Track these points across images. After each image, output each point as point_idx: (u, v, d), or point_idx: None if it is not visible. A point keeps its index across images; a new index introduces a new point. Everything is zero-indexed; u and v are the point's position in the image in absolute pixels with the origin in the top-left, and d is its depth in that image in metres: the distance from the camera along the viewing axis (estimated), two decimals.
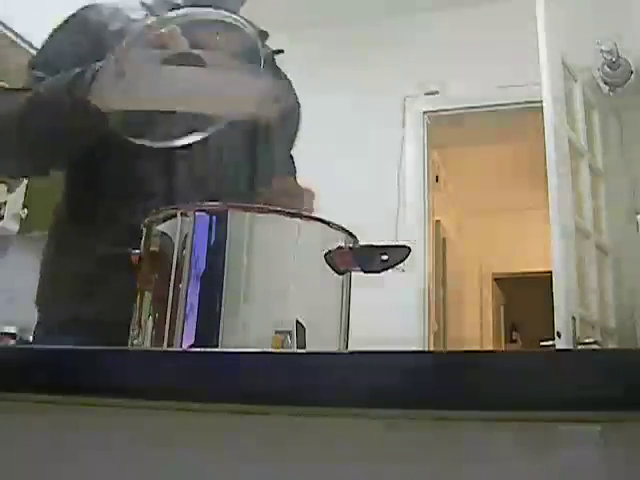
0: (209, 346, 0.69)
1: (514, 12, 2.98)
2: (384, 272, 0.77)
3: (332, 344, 0.76)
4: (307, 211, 1.15)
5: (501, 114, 3.36)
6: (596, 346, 2.39)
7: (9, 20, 2.50)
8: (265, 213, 0.77)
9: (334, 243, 0.75)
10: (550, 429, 0.47)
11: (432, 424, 0.49)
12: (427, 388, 0.46)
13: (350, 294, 0.79)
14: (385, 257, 0.76)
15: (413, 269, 2.98)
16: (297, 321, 0.72)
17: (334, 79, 3.46)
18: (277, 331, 0.72)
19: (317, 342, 0.74)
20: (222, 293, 0.72)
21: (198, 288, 0.73)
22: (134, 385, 0.53)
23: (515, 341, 6.84)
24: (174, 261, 0.74)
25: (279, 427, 0.53)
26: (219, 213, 0.75)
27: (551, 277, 2.43)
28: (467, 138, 4.11)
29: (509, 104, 3.24)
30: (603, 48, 2.90)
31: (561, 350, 1.43)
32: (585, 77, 2.94)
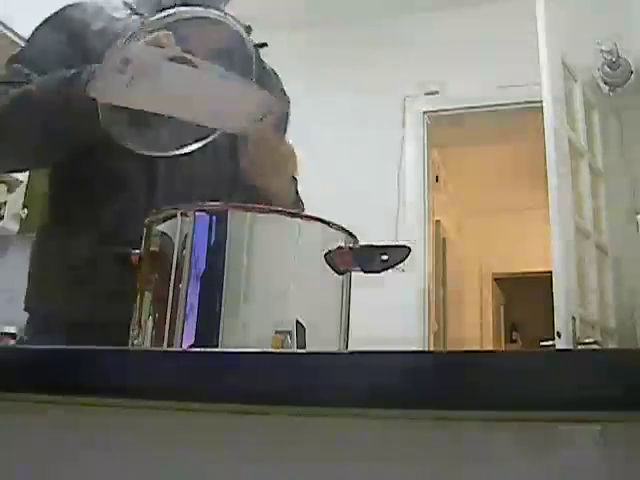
0: (209, 346, 0.69)
1: (514, 12, 2.98)
2: (384, 272, 0.77)
3: (332, 344, 0.76)
4: (290, 173, 1.13)
5: (501, 114, 3.36)
6: (596, 346, 2.38)
7: (9, 20, 2.50)
8: (265, 213, 0.77)
9: (334, 243, 0.75)
10: (550, 429, 0.47)
11: (432, 424, 0.49)
12: (427, 388, 0.46)
13: (350, 294, 0.79)
14: (385, 257, 0.76)
15: (413, 269, 2.98)
16: (297, 321, 0.72)
17: (334, 79, 3.46)
18: (277, 331, 0.73)
19: (317, 342, 0.74)
20: (222, 293, 0.72)
21: (198, 288, 0.73)
22: (134, 385, 0.53)
23: (515, 341, 6.84)
24: (174, 261, 0.74)
25: (279, 427, 0.53)
26: (219, 213, 0.75)
27: (551, 277, 2.43)
28: (467, 138, 4.11)
29: (509, 104, 3.24)
30: (603, 48, 2.90)
31: (561, 350, 1.42)
32: (585, 77, 2.94)
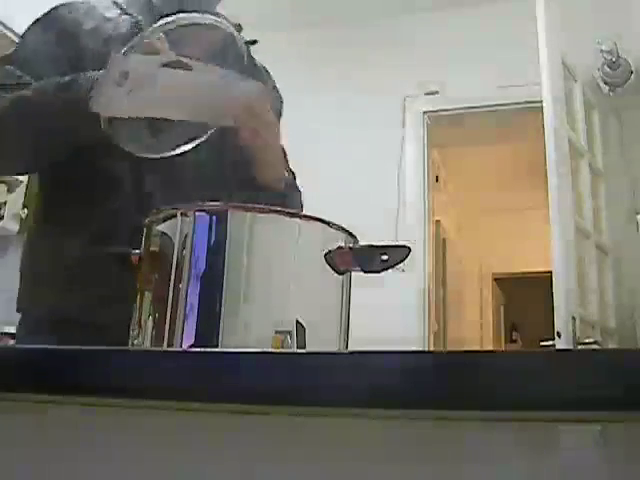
0: (209, 346, 0.69)
1: (514, 12, 2.99)
2: (384, 272, 0.77)
3: (332, 344, 0.76)
4: (272, 143, 1.10)
5: (501, 114, 3.36)
6: (596, 346, 2.38)
7: (9, 20, 2.51)
8: (265, 213, 0.77)
9: (334, 243, 0.75)
10: (550, 429, 0.47)
11: (432, 424, 0.49)
12: (427, 388, 0.46)
13: (350, 294, 0.79)
14: (385, 257, 0.76)
15: (413, 269, 2.98)
16: (297, 321, 0.72)
17: (334, 79, 3.46)
18: (277, 331, 0.72)
19: (317, 342, 0.74)
20: (222, 293, 0.72)
21: (198, 288, 0.73)
22: (134, 385, 0.53)
23: (515, 341, 6.84)
24: (174, 261, 0.74)
25: (279, 427, 0.53)
26: (219, 213, 0.75)
27: (551, 277, 2.43)
28: (467, 138, 4.11)
29: (509, 104, 3.24)
30: (603, 48, 2.90)
31: (561, 350, 1.42)
32: (585, 77, 2.94)
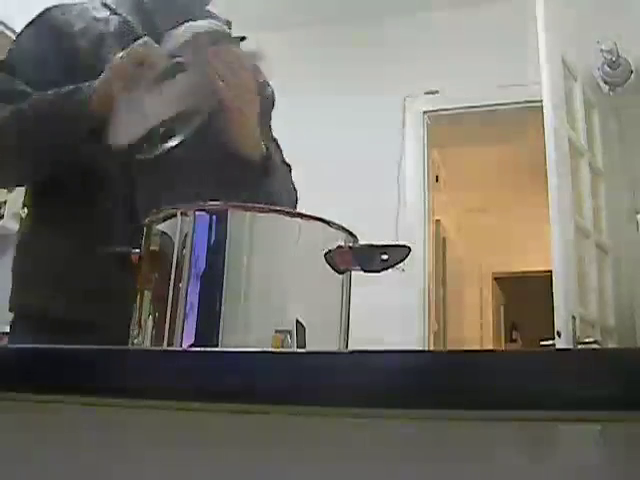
0: (209, 346, 0.69)
1: (514, 12, 2.98)
2: (384, 272, 0.77)
3: (332, 344, 0.76)
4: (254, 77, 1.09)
5: (501, 114, 3.36)
6: (596, 345, 2.39)
7: (9, 20, 2.50)
8: (265, 213, 0.77)
9: (334, 242, 0.75)
10: (550, 429, 0.47)
11: (432, 424, 0.49)
12: (427, 388, 0.46)
13: (350, 294, 0.79)
14: (385, 257, 0.76)
15: (413, 269, 2.98)
16: (297, 321, 0.72)
17: (334, 79, 3.46)
18: (277, 331, 0.72)
19: (317, 342, 0.74)
20: (222, 293, 0.72)
21: (198, 287, 0.73)
22: (134, 385, 0.53)
23: (515, 341, 6.84)
24: (174, 260, 0.74)
25: (279, 427, 0.53)
26: (219, 212, 0.75)
27: (551, 277, 2.43)
28: (467, 138, 4.11)
29: (509, 104, 3.24)
30: (603, 48, 2.90)
31: (561, 350, 1.42)
32: (585, 76, 2.94)
